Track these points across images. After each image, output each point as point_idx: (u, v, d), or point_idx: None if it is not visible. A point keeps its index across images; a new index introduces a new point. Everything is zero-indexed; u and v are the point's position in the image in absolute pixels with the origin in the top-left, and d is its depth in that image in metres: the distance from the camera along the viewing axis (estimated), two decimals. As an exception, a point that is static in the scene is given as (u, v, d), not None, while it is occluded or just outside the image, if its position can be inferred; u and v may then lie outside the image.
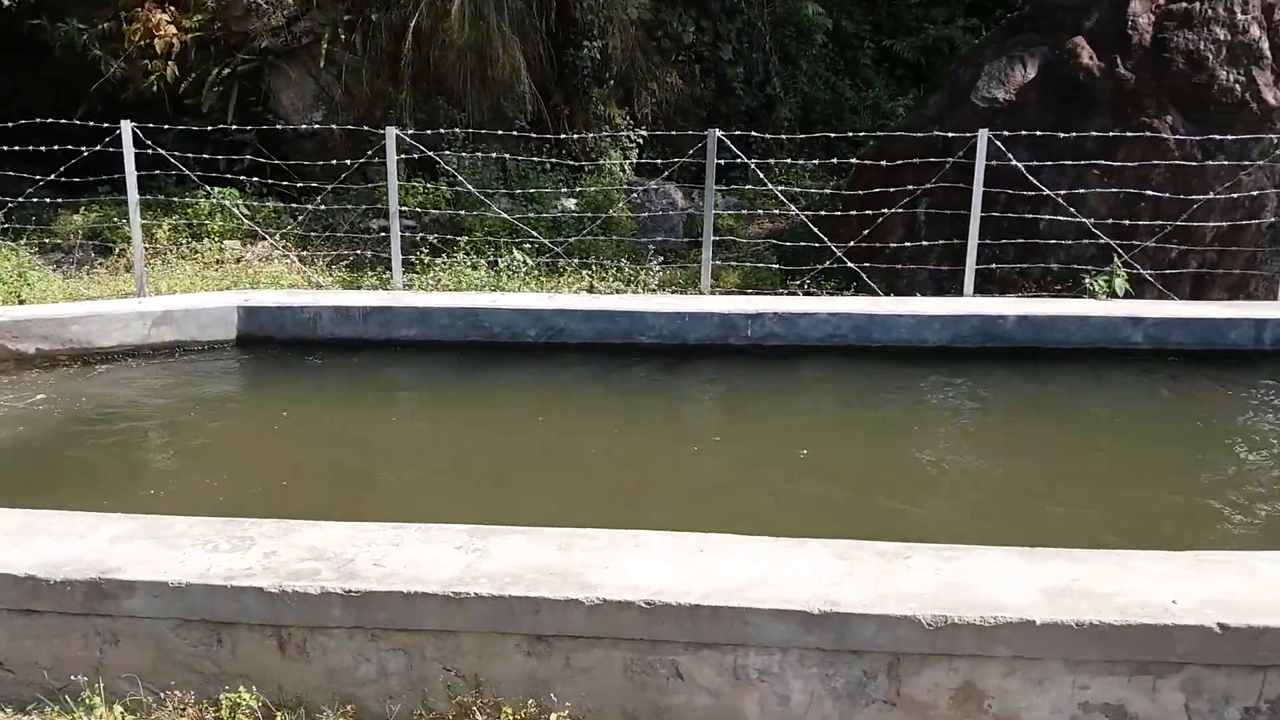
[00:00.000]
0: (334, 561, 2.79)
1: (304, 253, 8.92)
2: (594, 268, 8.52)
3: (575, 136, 10.44)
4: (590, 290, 7.99)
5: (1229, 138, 7.38)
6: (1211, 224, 7.64)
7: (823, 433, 5.67)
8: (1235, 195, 7.49)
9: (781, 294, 8.01)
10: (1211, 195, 7.44)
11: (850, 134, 12.16)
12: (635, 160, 11.57)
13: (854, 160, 9.76)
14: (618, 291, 7.99)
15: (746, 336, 6.82)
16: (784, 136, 10.09)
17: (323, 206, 9.20)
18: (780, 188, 8.92)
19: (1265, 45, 7.42)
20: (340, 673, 2.73)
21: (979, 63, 8.56)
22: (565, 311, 6.77)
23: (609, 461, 5.12)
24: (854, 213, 8.40)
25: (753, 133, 10.02)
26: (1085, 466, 5.19)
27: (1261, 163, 7.48)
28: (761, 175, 8.58)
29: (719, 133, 7.79)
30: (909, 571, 2.71)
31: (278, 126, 10.44)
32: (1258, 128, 7.45)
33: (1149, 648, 2.47)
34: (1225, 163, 7.45)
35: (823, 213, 8.74)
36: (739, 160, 8.51)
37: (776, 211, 11.21)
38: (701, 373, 6.62)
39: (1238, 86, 7.41)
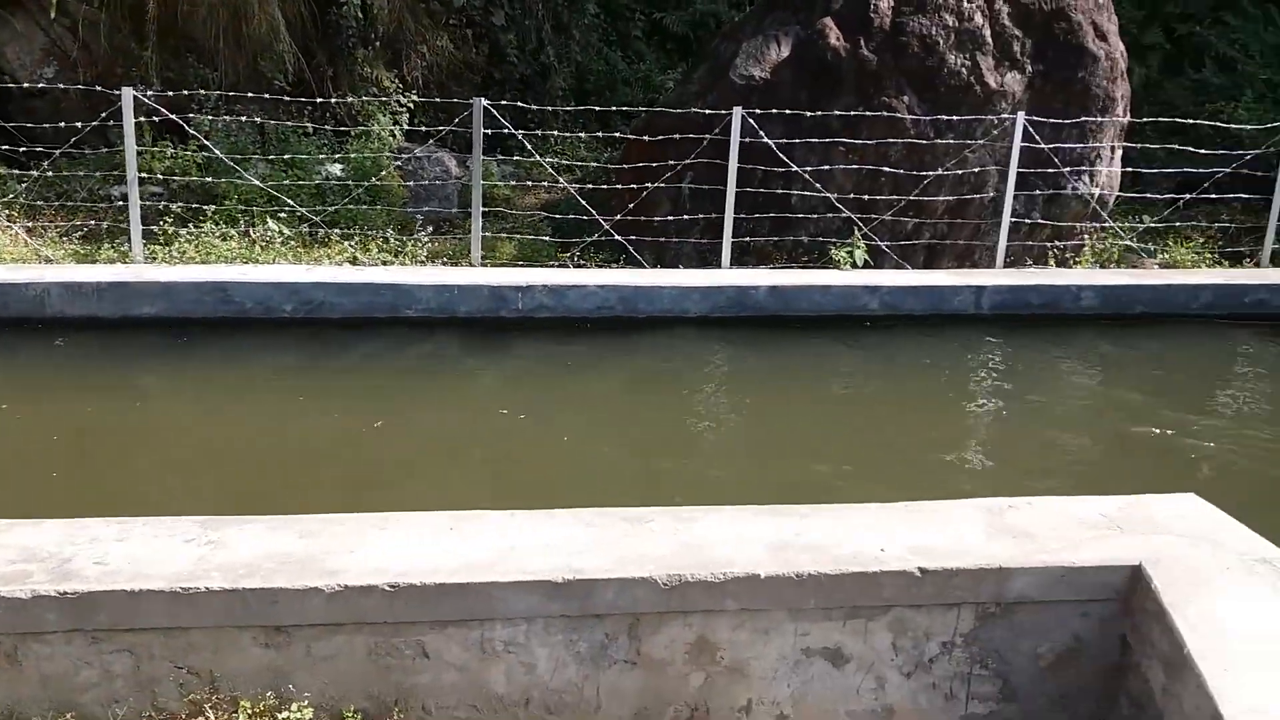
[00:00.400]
0: (49, 562, 2.59)
1: (33, 223, 8.12)
2: (359, 239, 8.24)
3: (340, 100, 10.02)
4: (354, 262, 7.73)
5: (956, 118, 8.06)
6: (942, 199, 8.32)
7: (587, 401, 5.79)
8: (961, 172, 8.20)
9: (553, 266, 8.06)
10: (941, 171, 8.10)
11: (623, 107, 12.35)
12: (405, 126, 11.23)
13: (627, 133, 9.91)
14: (384, 264, 7.78)
15: (517, 309, 6.84)
16: (559, 108, 10.10)
17: (52, 173, 8.38)
18: (556, 159, 8.96)
19: (987, 32, 8.12)
20: (57, 679, 2.55)
21: (738, 39, 8.87)
22: (324, 284, 6.54)
23: (369, 442, 5.01)
24: (625, 186, 8.55)
25: (524, 103, 9.96)
26: (827, 424, 5.59)
27: (984, 141, 8.21)
28: (528, 146, 8.57)
29: (485, 102, 7.70)
30: (650, 535, 2.82)
31: (3, 84, 9.39)
32: (981, 109, 8.17)
33: (861, 594, 2.70)
34: (953, 141, 8.13)
35: (600, 185, 8.83)
36: (514, 129, 8.45)
37: (562, 183, 11.24)
38: (470, 347, 6.59)
39: (964, 70, 8.09)
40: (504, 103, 9.00)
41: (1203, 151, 9.34)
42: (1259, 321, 7.28)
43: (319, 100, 9.70)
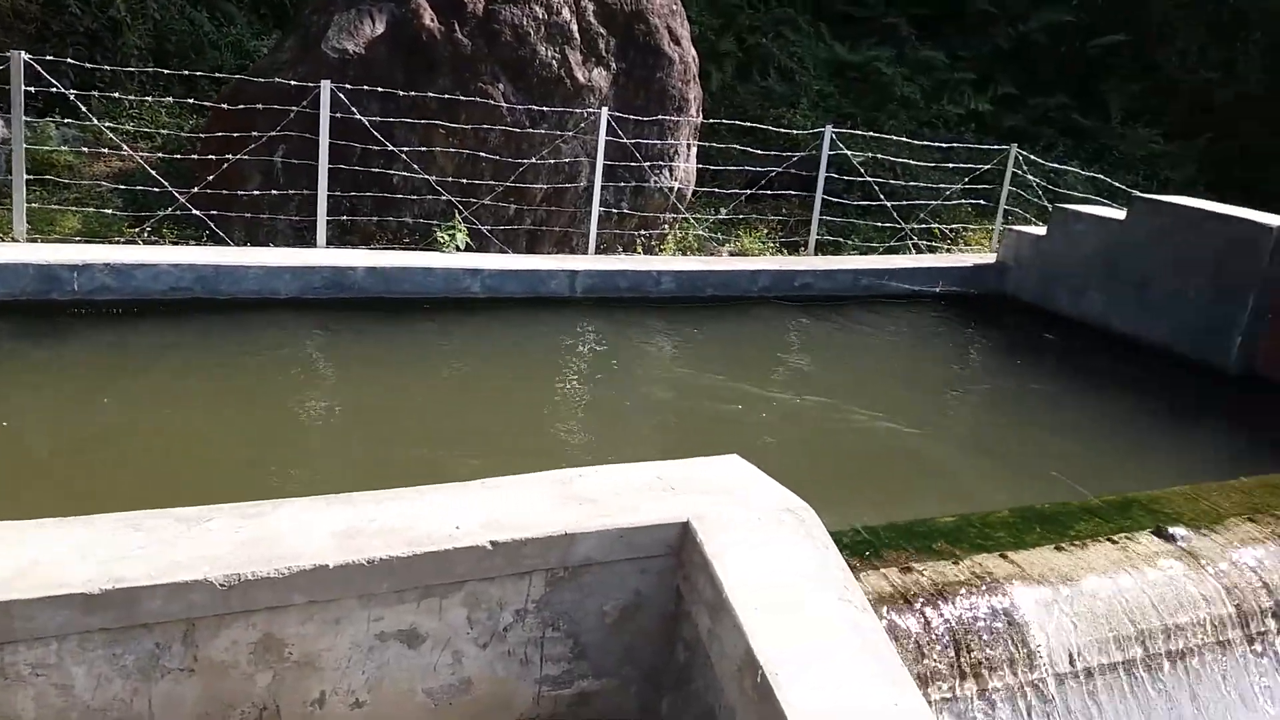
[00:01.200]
0: None
1: None
2: None
3: None
4: None
5: (549, 109, 8.37)
6: (540, 186, 8.62)
7: (147, 394, 5.30)
8: (555, 161, 8.53)
9: (119, 243, 7.25)
10: (536, 160, 8.38)
11: (213, 73, 11.35)
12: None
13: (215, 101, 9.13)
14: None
15: (72, 291, 6.07)
16: (136, 69, 9.06)
17: None
18: (135, 125, 8.03)
19: (575, 28, 8.51)
20: None
21: (330, 11, 8.51)
22: None
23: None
24: (213, 156, 7.88)
25: (92, 62, 8.83)
26: (427, 407, 5.58)
27: (574, 133, 8.60)
28: (84, 109, 7.63)
29: (27, 56, 6.73)
30: (208, 535, 2.64)
31: None
32: (572, 101, 8.55)
33: (434, 573, 2.73)
34: (547, 131, 8.43)
35: (184, 156, 8.06)
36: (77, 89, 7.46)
37: (128, 151, 10.08)
38: (12, 334, 5.75)
39: (554, 63, 8.41)
40: (62, 59, 7.94)
41: (771, 153, 10.51)
42: (806, 302, 8.34)
43: None
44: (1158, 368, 7.00)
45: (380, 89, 7.78)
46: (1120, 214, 7.68)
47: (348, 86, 7.57)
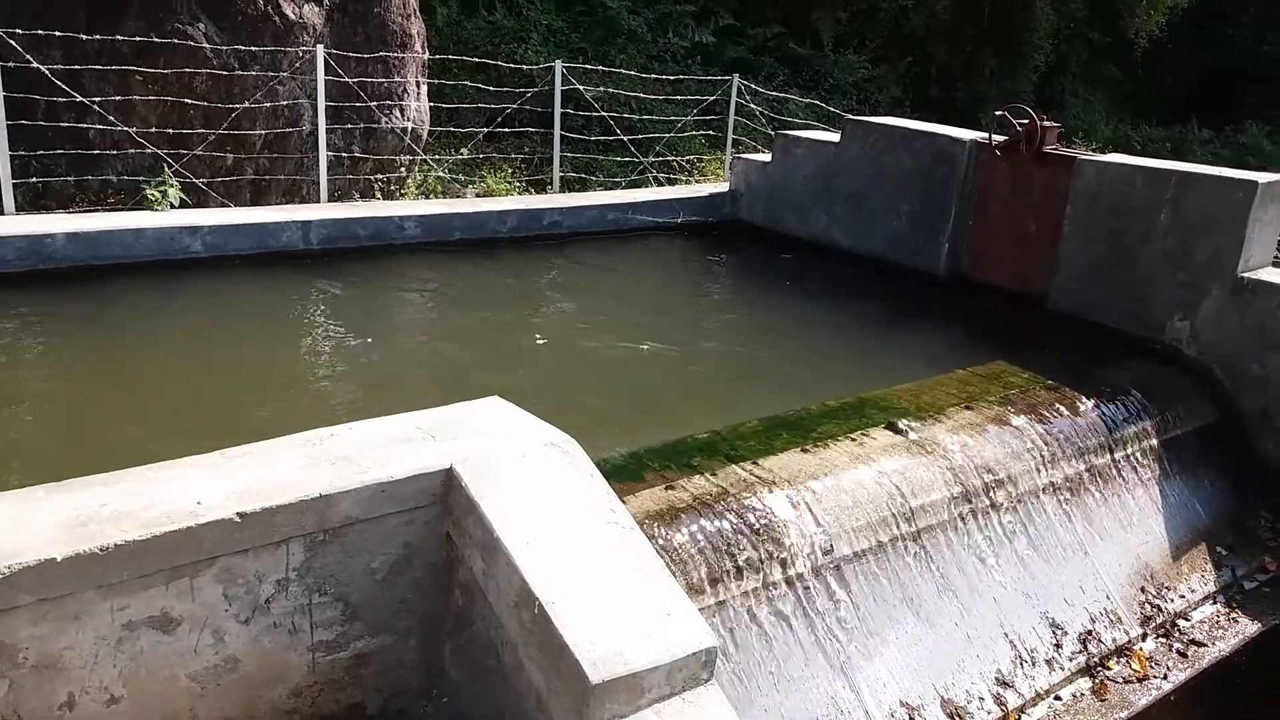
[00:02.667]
0: None
1: None
2: None
3: None
4: None
5: (259, 49, 7.79)
6: (258, 133, 8.05)
7: None
8: (272, 104, 7.99)
9: None
10: (250, 104, 7.81)
11: None
12: None
13: None
14: None
15: None
16: None
17: None
18: None
19: (280, -38, 7.95)
20: None
21: (-13, -55, 7.45)
22: None
23: None
24: None
25: None
26: (153, 380, 5.15)
27: (289, 74, 8.07)
28: None
29: None
30: (-99, 545, 2.32)
31: None
32: (284, 40, 8.01)
33: (179, 552, 2.54)
34: (259, 73, 7.86)
35: None
36: None
37: None
38: None
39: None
40: None
41: (506, 90, 10.34)
42: (557, 240, 8.36)
43: None
44: (877, 277, 7.59)
45: (60, 34, 6.93)
46: (835, 137, 8.19)
47: (19, 32, 6.69)
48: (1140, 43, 23.02)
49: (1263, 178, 5.59)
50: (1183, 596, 4.64)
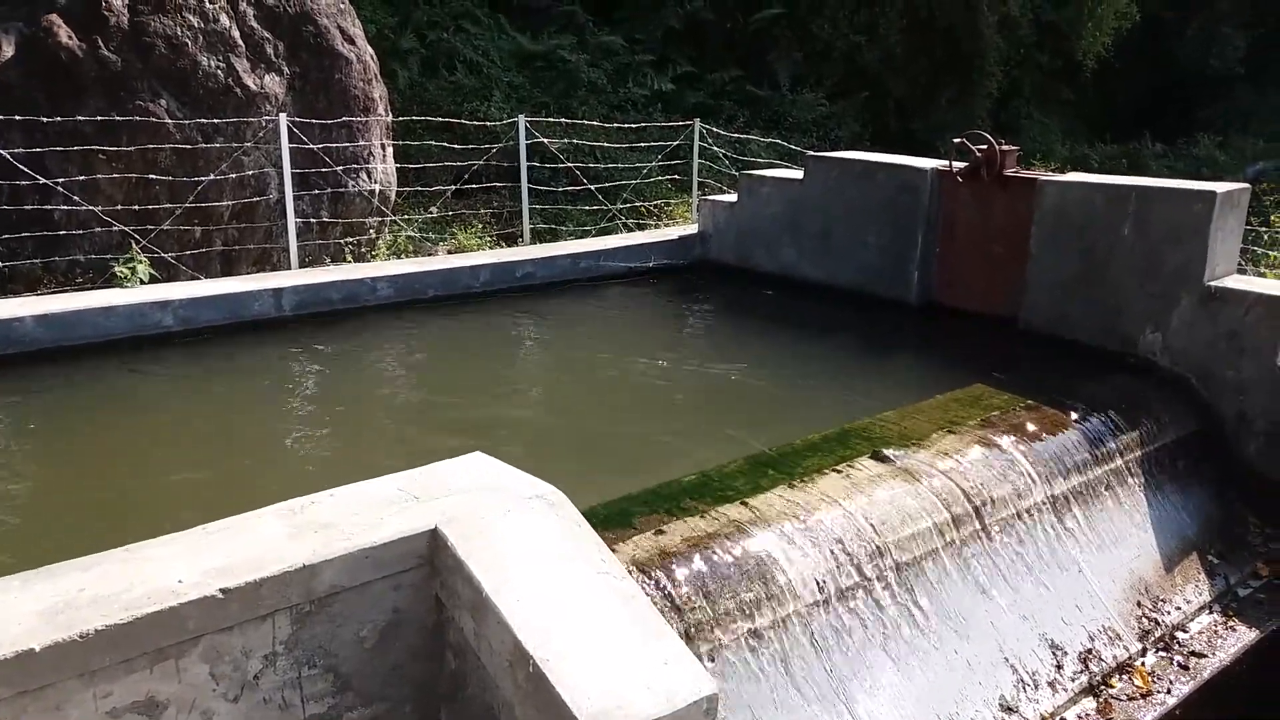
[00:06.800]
0: None
1: None
2: None
3: None
4: None
5: (222, 120, 7.81)
6: (225, 203, 8.05)
7: None
8: (238, 175, 8.00)
9: None
10: (215, 176, 7.81)
11: None
12: None
13: None
14: None
15: None
16: None
17: None
18: None
19: (237, 34, 7.99)
20: None
21: (-57, 34, 7.47)
22: None
23: None
24: None
25: None
26: (133, 457, 5.08)
27: (253, 144, 8.10)
28: None
29: None
30: None
31: None
32: (246, 111, 8.04)
33: (162, 634, 2.48)
34: (223, 145, 7.88)
35: None
36: None
37: None
38: None
39: (220, 72, 7.86)
40: None
41: (471, 147, 10.41)
42: (530, 291, 8.36)
43: None
44: (850, 307, 7.64)
45: (19, 117, 6.93)
46: (799, 174, 8.28)
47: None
48: (1089, 64, 23.56)
49: (1220, 187, 5.69)
50: (1179, 608, 4.63)
